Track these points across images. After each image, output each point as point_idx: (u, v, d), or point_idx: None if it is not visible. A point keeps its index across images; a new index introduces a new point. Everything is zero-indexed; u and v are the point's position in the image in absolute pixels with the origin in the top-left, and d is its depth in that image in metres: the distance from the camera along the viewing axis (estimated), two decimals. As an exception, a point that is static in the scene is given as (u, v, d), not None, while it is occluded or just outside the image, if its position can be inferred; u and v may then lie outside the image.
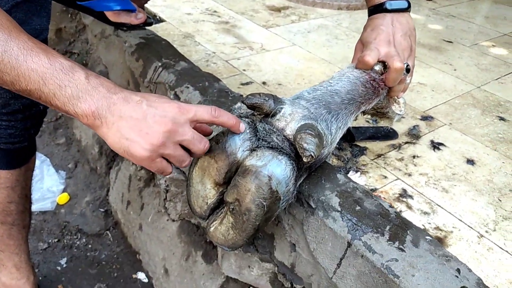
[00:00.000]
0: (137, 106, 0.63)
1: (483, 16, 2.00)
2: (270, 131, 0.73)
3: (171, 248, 1.25)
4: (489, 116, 1.19)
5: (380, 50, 0.84)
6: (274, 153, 0.70)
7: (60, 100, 0.61)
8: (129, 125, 0.62)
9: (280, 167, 0.68)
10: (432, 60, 1.50)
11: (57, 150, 1.86)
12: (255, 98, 0.75)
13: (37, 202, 1.63)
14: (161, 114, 0.63)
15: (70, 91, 0.61)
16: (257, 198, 0.67)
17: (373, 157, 0.99)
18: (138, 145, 0.62)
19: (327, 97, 0.79)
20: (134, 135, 0.62)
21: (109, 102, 0.62)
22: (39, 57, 0.60)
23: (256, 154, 0.70)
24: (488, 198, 0.89)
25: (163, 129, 0.62)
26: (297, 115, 0.75)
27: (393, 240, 0.70)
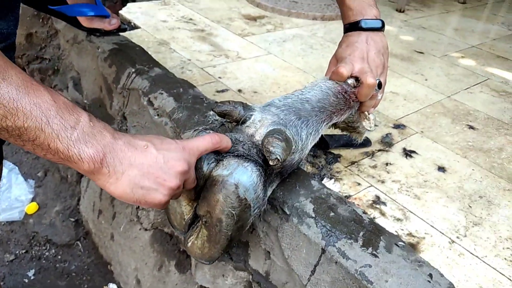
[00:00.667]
0: (147, 152, 0.59)
1: (452, 28, 2.07)
2: (236, 142, 0.73)
3: (144, 258, 1.22)
4: (459, 124, 1.22)
5: (354, 65, 0.85)
6: (240, 161, 0.69)
7: (64, 143, 0.53)
8: (142, 173, 0.58)
9: (246, 174, 0.68)
10: (404, 70, 1.53)
11: (26, 158, 1.80)
12: (225, 106, 0.76)
13: (4, 212, 1.57)
14: (174, 157, 0.61)
15: (77, 134, 0.54)
16: (226, 207, 0.66)
17: (347, 164, 0.99)
18: (157, 192, 0.60)
19: (298, 104, 0.80)
20: (150, 183, 0.59)
21: (116, 149, 0.57)
22: (40, 92, 0.52)
23: (222, 164, 0.69)
24: (459, 204, 0.91)
25: (180, 171, 0.61)
26: (267, 121, 0.76)
27: (366, 246, 0.70)
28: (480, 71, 1.60)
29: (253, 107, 0.79)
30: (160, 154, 0.60)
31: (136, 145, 0.59)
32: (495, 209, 0.91)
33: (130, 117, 1.23)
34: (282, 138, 0.70)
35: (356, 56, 0.86)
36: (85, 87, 1.50)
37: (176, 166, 0.61)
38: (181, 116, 1.03)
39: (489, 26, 2.17)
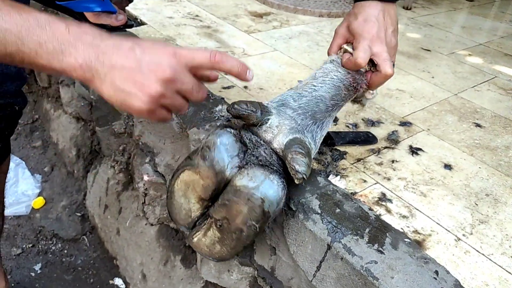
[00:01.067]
0: (129, 53, 0.57)
1: (459, 26, 2.06)
2: (258, 144, 0.71)
3: (149, 253, 1.23)
4: (465, 122, 1.21)
5: (373, 48, 0.78)
6: (266, 173, 0.67)
7: (43, 58, 0.55)
8: (123, 75, 0.56)
9: (272, 189, 0.66)
10: (411, 67, 1.52)
11: (33, 153, 1.82)
12: (242, 109, 0.71)
13: (11, 206, 1.58)
14: (156, 61, 0.57)
15: (52, 46, 0.55)
16: (249, 220, 0.66)
17: (353, 161, 0.99)
18: (135, 97, 0.57)
19: (313, 105, 0.77)
20: (130, 86, 0.57)
21: (97, 51, 0.56)
22: (10, 16, 0.54)
23: (247, 173, 0.67)
24: (465, 202, 0.91)
25: (161, 78, 0.57)
26: (285, 128, 0.73)
27: (372, 243, 0.70)
28: (488, 69, 1.59)
29: (269, 109, 0.75)
30: (144, 56, 0.57)
31: (120, 46, 0.57)
32: (501, 207, 0.90)
33: (137, 113, 1.24)
34: (305, 152, 0.68)
35: (375, 35, 0.78)
36: (92, 82, 1.51)
37: (159, 71, 0.57)
38: (187, 111, 1.03)
39: (497, 24, 2.16)
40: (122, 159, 1.34)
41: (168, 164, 1.14)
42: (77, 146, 1.62)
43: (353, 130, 1.10)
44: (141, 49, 0.58)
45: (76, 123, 1.64)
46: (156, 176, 1.17)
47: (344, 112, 1.18)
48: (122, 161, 1.34)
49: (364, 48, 0.78)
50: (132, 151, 1.30)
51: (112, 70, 0.56)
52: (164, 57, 0.58)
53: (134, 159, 1.27)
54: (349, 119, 1.15)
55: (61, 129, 1.73)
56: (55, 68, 0.56)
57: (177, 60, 0.59)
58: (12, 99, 0.90)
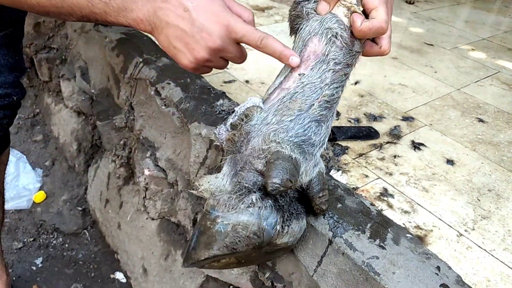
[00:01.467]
0: (185, 15, 0.61)
1: (463, 20, 2.04)
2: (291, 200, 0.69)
3: (150, 247, 1.23)
4: (468, 117, 1.20)
5: None
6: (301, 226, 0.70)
7: (112, 15, 0.63)
8: (176, 34, 0.62)
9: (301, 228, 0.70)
10: (414, 62, 1.51)
11: (34, 147, 1.81)
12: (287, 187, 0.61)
13: (12, 200, 1.58)
14: (209, 31, 0.62)
15: (116, 4, 0.62)
16: None
17: (355, 156, 0.99)
18: (184, 56, 0.64)
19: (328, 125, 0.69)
20: (181, 46, 0.63)
21: (154, 7, 0.61)
22: None
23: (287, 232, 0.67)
24: (467, 197, 0.90)
25: (210, 46, 0.62)
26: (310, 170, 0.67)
27: (374, 238, 0.70)
28: (491, 63, 1.58)
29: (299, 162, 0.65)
30: (197, 22, 0.61)
31: (177, 4, 0.61)
32: (504, 203, 0.90)
33: (138, 107, 1.23)
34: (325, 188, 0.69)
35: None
36: (93, 76, 1.50)
37: (209, 40, 0.62)
38: (188, 106, 1.03)
39: (501, 18, 2.14)
40: (123, 153, 1.34)
41: (169, 159, 1.14)
42: (78, 141, 1.61)
43: (355, 125, 1.09)
44: (197, 12, 0.61)
45: (77, 117, 1.63)
46: (157, 170, 1.17)
47: (346, 106, 1.17)
48: (123, 155, 1.34)
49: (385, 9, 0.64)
50: (133, 145, 1.30)
51: (167, 26, 0.62)
52: (216, 27, 0.62)
53: (135, 154, 1.27)
54: (351, 114, 1.14)
55: (62, 123, 1.72)
56: (122, 23, 0.64)
57: (228, 33, 0.63)
58: (10, 89, 0.89)
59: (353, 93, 1.24)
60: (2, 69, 0.88)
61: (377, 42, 0.69)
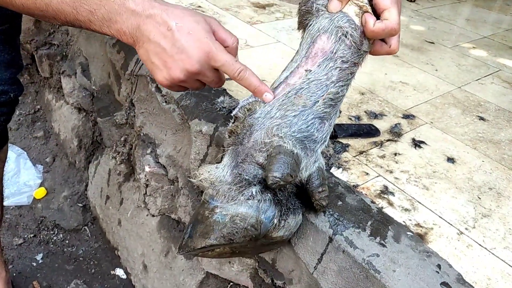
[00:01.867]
0: (167, 34, 0.62)
1: (464, 18, 2.04)
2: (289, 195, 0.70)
3: (151, 243, 1.23)
4: (469, 115, 1.20)
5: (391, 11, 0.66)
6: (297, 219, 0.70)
7: (96, 24, 0.63)
8: (156, 51, 0.63)
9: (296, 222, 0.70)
10: (414, 60, 1.51)
11: (34, 143, 1.82)
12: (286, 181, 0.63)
13: (13, 196, 1.58)
14: (188, 54, 0.62)
15: (101, 14, 0.61)
16: None
17: (355, 154, 0.99)
18: (160, 73, 0.65)
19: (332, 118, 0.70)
20: (159, 63, 0.64)
21: (138, 22, 0.62)
22: None
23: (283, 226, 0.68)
24: (468, 196, 0.90)
25: (187, 69, 0.63)
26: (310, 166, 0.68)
27: (374, 236, 0.70)
28: (492, 62, 1.58)
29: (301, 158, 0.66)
30: (179, 43, 0.62)
31: (161, 22, 0.62)
32: (504, 201, 0.90)
33: (138, 104, 1.23)
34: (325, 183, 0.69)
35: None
36: (93, 73, 1.50)
37: (187, 63, 0.63)
38: (189, 103, 1.03)
39: (502, 16, 2.14)
40: (124, 150, 1.34)
41: (170, 155, 1.14)
42: (78, 137, 1.61)
43: (355, 123, 1.09)
44: (180, 33, 0.62)
45: (78, 113, 1.63)
46: (158, 167, 1.17)
47: (347, 104, 1.17)
48: (124, 152, 1.34)
49: (397, 10, 0.66)
50: (133, 142, 1.30)
51: (148, 42, 0.63)
52: (197, 52, 0.62)
53: (135, 150, 1.27)
54: (352, 111, 1.14)
55: (63, 120, 1.72)
56: (106, 33, 0.64)
57: (208, 59, 0.63)
58: (6, 86, 0.89)
59: (354, 91, 1.24)
60: None
61: (387, 42, 0.70)
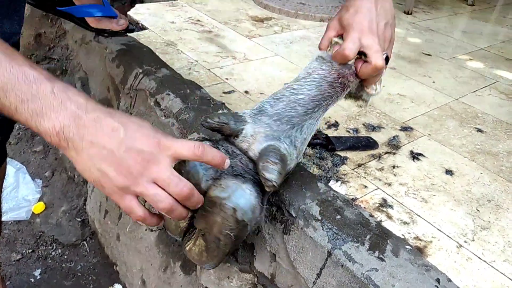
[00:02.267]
0: (112, 134, 0.56)
1: (460, 31, 2.05)
2: (234, 154, 0.72)
3: (149, 259, 1.22)
4: (467, 127, 1.21)
5: (362, 40, 0.76)
6: (238, 183, 0.68)
7: (22, 115, 0.54)
8: (101, 155, 0.55)
9: (244, 198, 0.67)
10: (412, 72, 1.52)
11: (33, 157, 1.82)
12: (214, 122, 0.73)
13: (11, 211, 1.58)
14: (138, 149, 0.56)
15: (33, 106, 0.53)
16: (224, 229, 0.67)
17: (354, 167, 0.99)
18: (109, 178, 0.56)
19: (290, 110, 0.77)
20: (106, 166, 0.56)
21: (78, 123, 0.54)
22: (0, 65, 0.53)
23: (220, 184, 0.68)
24: (467, 208, 0.90)
25: (138, 166, 0.56)
26: (259, 136, 0.73)
27: (373, 250, 0.70)
28: (489, 73, 1.59)
29: (245, 117, 0.76)
30: (126, 141, 0.56)
31: (105, 124, 0.55)
32: (503, 213, 0.90)
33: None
34: (277, 159, 0.68)
35: (366, 26, 0.76)
36: (93, 87, 1.51)
37: (136, 158, 0.56)
38: (188, 117, 1.03)
39: (498, 28, 2.16)
40: (123, 164, 1.34)
41: (168, 170, 1.14)
42: (77, 151, 1.61)
43: (353, 135, 1.10)
44: (125, 132, 0.56)
45: (77, 128, 1.63)
46: (156, 181, 1.17)
47: (344, 117, 1.17)
48: (123, 166, 1.34)
49: (352, 39, 0.76)
50: (132, 156, 1.30)
51: (91, 146, 0.55)
52: (146, 145, 0.57)
53: (134, 164, 1.27)
54: (349, 124, 1.15)
55: (62, 134, 1.73)
56: (31, 128, 0.55)
57: (160, 150, 0.58)
58: None
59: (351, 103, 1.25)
60: None
61: (369, 61, 0.77)
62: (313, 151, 1.01)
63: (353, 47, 0.76)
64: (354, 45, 0.76)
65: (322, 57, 0.82)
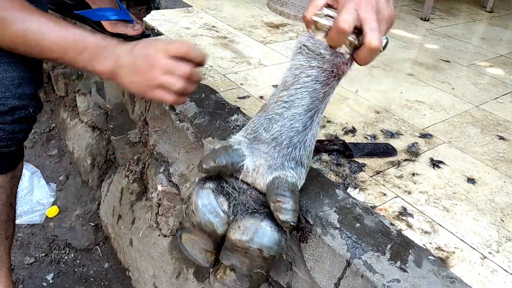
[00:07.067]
0: (129, 54, 0.76)
1: (479, 37, 2.02)
2: (241, 190, 0.69)
3: (162, 264, 1.21)
4: (488, 135, 1.17)
5: (360, 13, 0.64)
6: (256, 222, 0.66)
7: (80, 63, 0.77)
8: (127, 70, 0.76)
9: (267, 236, 0.65)
10: (430, 78, 1.49)
11: (48, 161, 1.82)
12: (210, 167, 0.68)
13: (25, 215, 1.58)
14: (144, 55, 0.75)
15: (86, 56, 0.76)
16: (254, 268, 0.67)
17: (372, 174, 0.96)
18: (136, 83, 0.77)
19: (287, 131, 0.69)
20: (132, 76, 0.77)
21: (115, 57, 0.76)
22: (55, 31, 0.74)
23: (238, 226, 0.66)
24: (490, 218, 0.87)
25: (149, 66, 0.75)
26: (262, 169, 0.69)
27: (394, 260, 0.67)
28: (509, 80, 1.55)
29: (241, 151, 0.70)
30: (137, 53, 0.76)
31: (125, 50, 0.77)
32: (529, 224, 0.86)
33: (152, 122, 1.23)
34: (287, 195, 0.65)
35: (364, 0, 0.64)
36: (108, 92, 1.51)
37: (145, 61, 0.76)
38: (202, 121, 1.02)
39: (518, 35, 2.11)
40: (137, 168, 1.33)
41: (182, 174, 1.12)
42: (92, 155, 1.62)
43: (371, 142, 1.07)
44: (136, 48, 0.76)
45: (92, 132, 1.64)
46: (170, 186, 1.16)
47: (362, 123, 1.15)
48: (137, 170, 1.33)
49: (349, 10, 0.63)
50: (146, 160, 1.29)
51: (121, 68, 0.77)
52: (153, 51, 0.75)
53: (148, 169, 1.26)
54: (367, 130, 1.12)
55: (77, 138, 1.73)
56: (89, 71, 0.81)
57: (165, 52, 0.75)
58: (27, 101, 0.90)
59: (369, 109, 1.23)
60: (21, 81, 0.88)
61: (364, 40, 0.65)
62: (330, 157, 0.99)
63: (349, 18, 0.63)
64: (351, 16, 0.63)
65: (307, 47, 0.69)
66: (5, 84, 0.86)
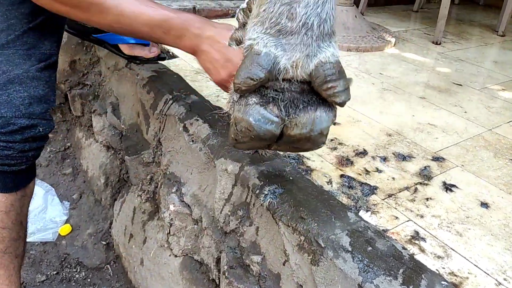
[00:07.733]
0: (212, 46, 0.87)
1: (491, 61, 2.02)
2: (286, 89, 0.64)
3: (172, 285, 1.21)
4: (502, 159, 1.17)
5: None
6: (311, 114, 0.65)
7: (166, 41, 0.90)
8: (208, 58, 0.89)
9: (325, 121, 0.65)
10: (442, 102, 1.50)
11: (63, 180, 1.85)
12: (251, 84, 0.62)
13: (38, 232, 1.60)
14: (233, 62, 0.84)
15: (173, 33, 0.87)
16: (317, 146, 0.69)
17: (384, 197, 0.96)
18: (211, 74, 0.91)
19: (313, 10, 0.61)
20: (210, 66, 0.89)
21: (199, 41, 0.88)
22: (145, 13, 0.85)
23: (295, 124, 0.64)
24: (505, 243, 0.86)
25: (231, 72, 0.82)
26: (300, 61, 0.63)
27: (407, 284, 0.67)
28: (523, 104, 1.54)
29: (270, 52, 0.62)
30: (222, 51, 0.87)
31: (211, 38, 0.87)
32: (545, 250, 0.85)
33: (166, 142, 1.25)
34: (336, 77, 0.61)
35: None
36: (123, 112, 1.54)
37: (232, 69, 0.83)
38: (215, 142, 1.03)
39: (531, 59, 2.11)
40: (149, 188, 1.35)
41: (195, 195, 1.13)
42: (105, 174, 1.64)
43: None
44: (227, 50, 0.86)
45: (106, 151, 1.66)
46: (182, 206, 1.17)
47: (374, 145, 1.15)
48: (149, 190, 1.34)
49: None
50: (159, 180, 1.31)
51: (203, 53, 0.89)
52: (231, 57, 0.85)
53: (161, 189, 1.27)
54: (379, 152, 1.12)
55: (91, 157, 1.76)
56: (175, 47, 0.92)
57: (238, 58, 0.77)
58: (37, 120, 0.92)
59: (380, 132, 1.23)
60: (32, 101, 0.91)
61: None
62: (342, 180, 0.99)
63: None
64: None
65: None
66: (16, 104, 0.89)
